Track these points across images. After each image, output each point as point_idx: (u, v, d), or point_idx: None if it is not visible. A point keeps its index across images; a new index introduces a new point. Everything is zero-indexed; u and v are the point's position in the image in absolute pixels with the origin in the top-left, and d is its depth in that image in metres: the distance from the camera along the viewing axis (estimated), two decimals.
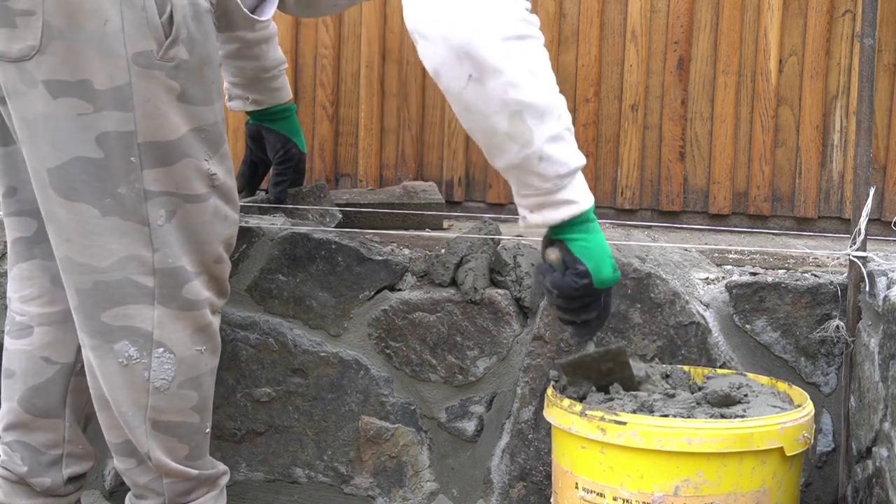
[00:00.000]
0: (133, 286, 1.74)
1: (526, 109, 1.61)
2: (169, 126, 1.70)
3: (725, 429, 1.73)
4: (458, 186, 2.73)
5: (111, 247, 1.72)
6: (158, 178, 1.71)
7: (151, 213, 1.72)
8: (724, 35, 2.63)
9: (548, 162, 1.64)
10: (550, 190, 1.68)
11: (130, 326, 1.75)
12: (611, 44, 2.67)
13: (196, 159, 1.74)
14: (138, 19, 1.65)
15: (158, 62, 1.67)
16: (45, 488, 1.94)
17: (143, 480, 1.86)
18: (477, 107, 1.63)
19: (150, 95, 1.68)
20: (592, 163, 2.69)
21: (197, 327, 1.80)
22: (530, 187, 1.68)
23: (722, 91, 2.64)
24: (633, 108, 2.67)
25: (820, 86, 2.61)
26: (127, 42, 1.65)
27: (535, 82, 1.61)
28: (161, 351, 1.77)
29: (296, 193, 2.39)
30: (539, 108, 1.61)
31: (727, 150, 2.65)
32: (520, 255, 2.20)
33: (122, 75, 1.66)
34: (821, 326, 2.12)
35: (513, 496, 2.18)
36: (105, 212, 1.70)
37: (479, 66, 1.59)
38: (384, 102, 2.73)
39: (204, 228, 1.78)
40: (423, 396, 2.23)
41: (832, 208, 2.66)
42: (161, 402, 1.79)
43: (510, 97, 1.60)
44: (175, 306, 1.77)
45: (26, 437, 1.93)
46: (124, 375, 1.77)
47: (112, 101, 1.66)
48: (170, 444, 1.83)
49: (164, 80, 1.68)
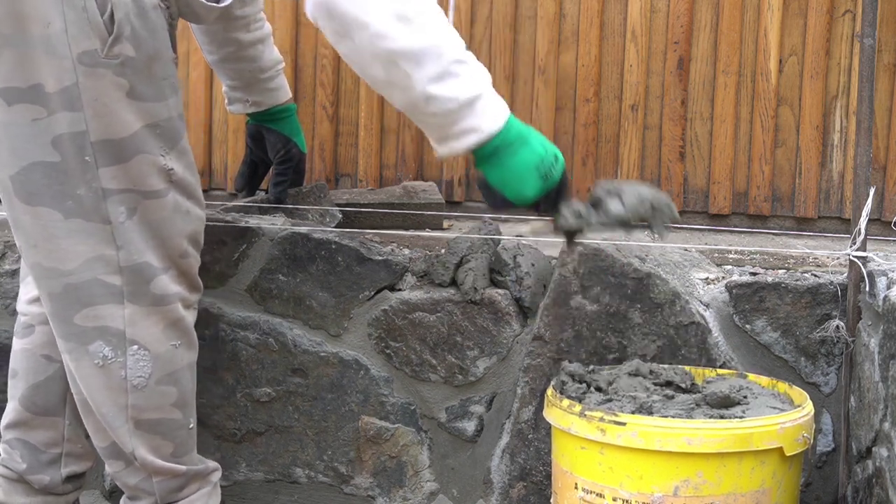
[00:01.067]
0: (101, 286, 1.75)
1: (399, 57, 1.61)
2: (120, 123, 1.72)
3: (725, 429, 1.73)
4: (458, 186, 2.73)
5: (77, 249, 1.73)
6: (115, 176, 1.73)
7: (112, 210, 1.73)
8: (724, 35, 2.63)
9: (435, 101, 1.64)
10: (446, 124, 1.67)
11: (103, 326, 1.77)
12: (611, 44, 2.67)
13: (151, 155, 1.75)
14: (80, 19, 1.67)
15: (103, 60, 1.69)
16: (43, 486, 1.95)
17: (133, 481, 1.87)
18: (352, 59, 1.68)
19: (98, 94, 1.69)
20: (592, 163, 2.69)
21: (169, 322, 1.81)
22: (426, 124, 1.70)
23: (722, 91, 2.64)
24: (633, 108, 2.67)
25: (820, 86, 2.61)
26: (71, 42, 1.67)
27: (406, 29, 1.61)
28: (135, 348, 1.78)
29: (296, 193, 2.39)
30: (413, 53, 1.61)
31: (727, 150, 2.65)
32: (520, 255, 2.20)
33: (69, 76, 1.68)
34: (821, 326, 2.12)
35: (513, 496, 2.18)
36: (67, 214, 1.72)
37: (342, 22, 1.62)
38: (384, 102, 2.72)
39: (165, 224, 1.79)
40: (423, 396, 2.23)
41: (832, 208, 2.66)
42: (141, 401, 1.81)
43: (379, 48, 1.61)
44: (145, 303, 1.78)
45: (26, 436, 1.94)
46: (101, 376, 1.78)
47: (62, 102, 1.68)
48: (154, 442, 1.84)
49: (111, 77, 1.70)
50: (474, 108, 1.66)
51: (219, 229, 2.21)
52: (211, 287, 2.24)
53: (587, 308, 2.12)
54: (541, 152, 1.72)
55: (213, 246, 2.22)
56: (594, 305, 2.12)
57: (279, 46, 2.70)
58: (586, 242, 2.12)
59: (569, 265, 2.12)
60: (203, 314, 2.23)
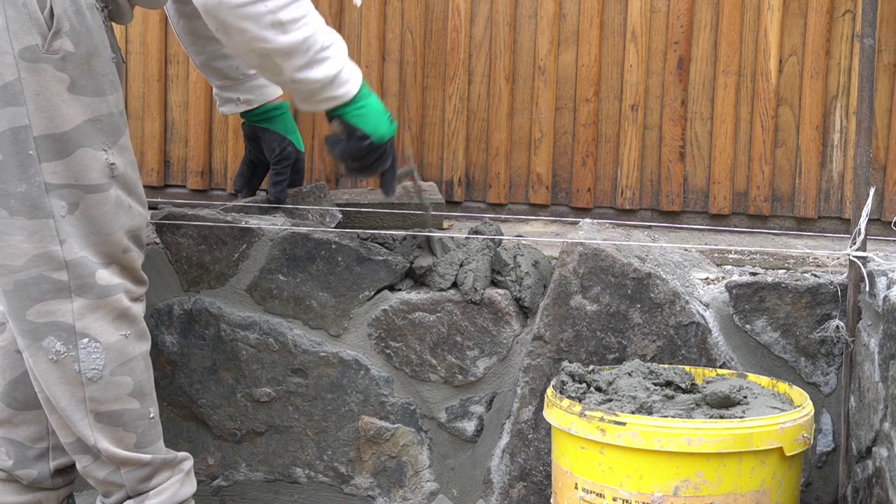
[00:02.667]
0: (48, 282, 1.78)
1: (272, 52, 1.88)
2: (62, 117, 1.74)
3: (725, 429, 1.73)
4: (458, 186, 2.73)
5: (22, 246, 1.76)
6: (57, 171, 1.75)
7: (54, 205, 1.76)
8: (724, 35, 2.62)
9: (300, 83, 1.93)
10: (310, 96, 1.96)
11: (53, 322, 1.79)
12: (611, 44, 2.67)
13: (93, 149, 1.78)
14: (20, 15, 1.70)
15: (45, 55, 1.72)
16: (31, 480, 1.95)
17: (101, 475, 1.89)
18: (230, 46, 1.95)
19: (40, 88, 1.72)
20: (592, 163, 2.69)
21: (117, 313, 1.83)
22: (294, 93, 1.99)
23: (722, 91, 2.64)
24: (633, 108, 2.67)
25: (820, 86, 2.61)
26: (12, 38, 1.70)
27: (281, 34, 1.86)
28: (86, 341, 1.81)
29: (296, 193, 2.39)
30: (285, 50, 1.88)
31: (727, 150, 2.65)
32: (520, 255, 2.20)
33: (11, 71, 1.71)
34: (821, 326, 2.12)
35: (513, 496, 2.18)
36: (12, 212, 1.75)
37: (223, 26, 1.87)
38: (384, 102, 2.72)
39: (106, 219, 1.81)
40: (423, 396, 2.23)
41: (832, 208, 2.66)
42: (97, 392, 1.83)
43: (255, 47, 1.88)
44: (92, 295, 1.80)
45: (11, 433, 1.95)
46: (57, 371, 1.81)
47: (3, 98, 1.71)
48: (115, 433, 1.85)
49: (52, 72, 1.73)
50: (334, 82, 1.94)
51: (219, 229, 2.21)
52: (211, 287, 2.24)
53: (587, 308, 2.12)
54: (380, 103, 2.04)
55: (213, 246, 2.22)
56: (594, 305, 2.12)
57: None
58: (587, 243, 2.12)
59: (569, 265, 2.12)
60: (203, 314, 2.23)
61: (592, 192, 2.70)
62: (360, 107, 1.99)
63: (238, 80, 2.31)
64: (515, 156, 2.70)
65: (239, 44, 1.89)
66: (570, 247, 2.12)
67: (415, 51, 2.71)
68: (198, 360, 2.25)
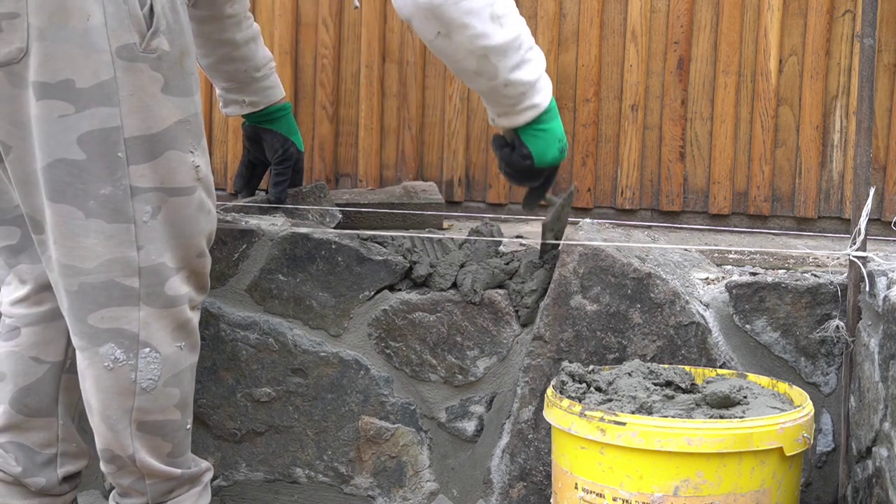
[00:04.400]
0: (118, 288, 1.74)
1: (491, 52, 1.80)
2: (154, 119, 1.71)
3: (725, 429, 1.73)
4: (458, 186, 2.73)
5: (96, 249, 1.73)
6: (145, 174, 1.72)
7: (137, 209, 1.73)
8: (724, 35, 2.63)
9: (512, 86, 1.85)
10: (516, 102, 1.87)
11: (117, 328, 1.76)
12: (611, 44, 2.67)
13: (181, 151, 1.75)
14: (120, 12, 1.67)
15: (142, 54, 1.69)
16: (39, 488, 1.94)
17: (127, 482, 1.88)
18: (447, 54, 1.83)
19: (134, 89, 1.69)
20: (592, 163, 2.69)
21: (177, 324, 1.81)
22: (498, 104, 1.89)
23: (722, 91, 2.64)
24: (633, 108, 2.67)
25: (820, 86, 2.61)
26: (110, 36, 1.67)
27: (499, 27, 1.79)
28: (147, 351, 1.78)
29: (296, 193, 2.39)
30: (503, 48, 1.80)
31: (727, 150, 2.65)
32: (520, 255, 2.20)
33: (107, 70, 1.67)
34: (821, 326, 2.12)
35: (513, 496, 2.18)
36: (89, 214, 1.71)
37: (445, 25, 1.77)
38: (384, 102, 2.73)
39: (189, 222, 1.79)
40: (423, 396, 2.23)
41: (832, 208, 2.66)
42: (147, 403, 1.80)
43: (476, 45, 1.79)
44: (159, 304, 1.78)
45: (20, 438, 1.93)
46: (110, 379, 1.78)
47: (97, 97, 1.67)
48: (154, 442, 1.84)
49: (148, 72, 1.70)
50: (536, 86, 1.87)
51: (219, 229, 2.21)
52: (211, 287, 2.24)
53: (587, 308, 2.12)
54: (562, 130, 1.95)
55: (213, 246, 2.22)
56: (594, 305, 2.12)
57: (279, 46, 2.71)
58: (588, 244, 2.12)
59: (569, 265, 2.12)
60: (203, 314, 2.23)
61: (592, 192, 2.70)
62: (539, 129, 1.91)
63: (245, 82, 2.29)
64: None
65: (460, 45, 1.79)
66: (569, 247, 2.12)
67: (415, 51, 2.71)
68: (198, 359, 2.25)
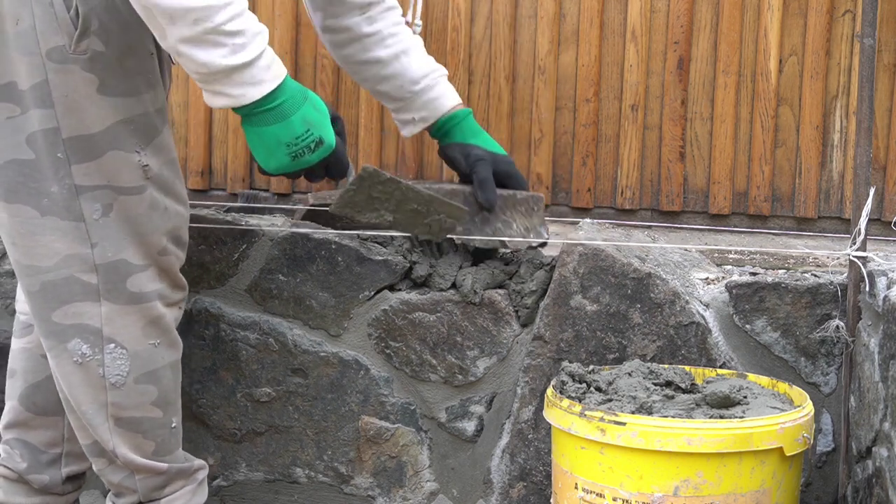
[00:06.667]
0: (78, 284, 1.75)
1: (154, 9, 1.62)
2: (91, 119, 1.72)
3: (725, 429, 1.73)
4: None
5: (53, 246, 1.74)
6: (88, 173, 1.73)
7: (85, 207, 1.73)
8: (724, 35, 2.63)
9: (185, 59, 1.66)
10: (201, 80, 1.69)
11: (80, 324, 1.77)
12: (611, 44, 2.67)
13: (125, 151, 1.75)
14: (47, 15, 1.68)
15: (72, 56, 1.69)
16: (43, 486, 1.95)
17: (116, 479, 1.88)
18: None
19: (67, 90, 1.70)
20: (592, 163, 2.69)
21: (148, 321, 1.81)
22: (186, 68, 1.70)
23: (722, 91, 2.64)
24: (633, 108, 2.67)
25: (820, 86, 2.61)
26: (40, 39, 1.68)
27: None
28: (112, 346, 1.79)
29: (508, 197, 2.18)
30: (167, 11, 1.62)
31: (727, 150, 2.65)
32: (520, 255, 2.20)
33: (40, 72, 1.69)
34: (821, 326, 2.12)
35: (513, 496, 2.18)
36: (43, 212, 1.73)
37: None
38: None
39: (142, 221, 1.78)
40: (423, 396, 2.23)
41: (832, 208, 2.66)
42: (119, 398, 1.81)
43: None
44: (122, 301, 1.78)
45: (26, 436, 1.94)
46: (80, 374, 1.79)
47: (34, 99, 1.69)
48: (135, 440, 1.84)
49: (80, 73, 1.70)
50: (231, 77, 1.67)
51: (219, 229, 2.21)
52: (211, 287, 2.24)
53: (587, 308, 2.12)
54: (298, 131, 1.74)
55: (213, 246, 2.22)
56: (594, 305, 2.12)
57: (279, 46, 2.71)
58: (588, 244, 2.12)
59: (569, 265, 2.12)
60: (203, 314, 2.23)
61: (592, 192, 2.70)
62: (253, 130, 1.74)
63: (406, 99, 2.18)
64: (515, 156, 2.70)
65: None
66: (569, 247, 2.12)
67: None
68: (197, 359, 2.25)
